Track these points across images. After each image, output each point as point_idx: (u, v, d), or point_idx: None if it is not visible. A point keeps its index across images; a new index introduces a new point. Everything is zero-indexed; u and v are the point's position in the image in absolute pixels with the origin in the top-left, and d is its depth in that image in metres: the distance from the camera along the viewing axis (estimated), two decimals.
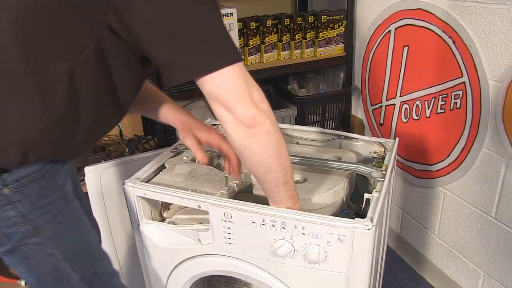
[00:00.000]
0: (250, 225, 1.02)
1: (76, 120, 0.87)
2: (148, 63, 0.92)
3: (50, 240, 0.92)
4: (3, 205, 0.86)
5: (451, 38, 1.59)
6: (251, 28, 2.04)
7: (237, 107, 0.83)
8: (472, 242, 1.72)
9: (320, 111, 2.23)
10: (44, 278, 0.96)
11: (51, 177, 0.91)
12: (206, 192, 1.12)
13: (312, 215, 0.98)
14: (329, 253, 0.98)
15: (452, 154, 1.71)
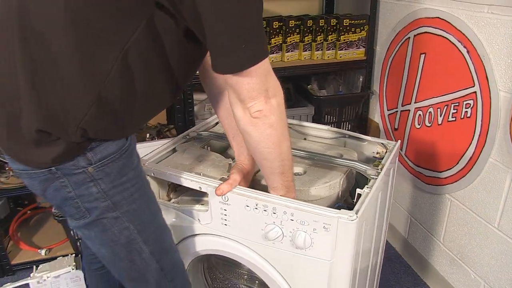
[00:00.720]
0: (244, 208, 1.09)
1: (132, 97, 0.91)
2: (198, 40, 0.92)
3: (126, 215, 1.01)
4: (87, 182, 0.94)
5: (466, 47, 1.61)
6: (274, 28, 2.10)
7: (249, 100, 0.89)
8: (475, 251, 1.74)
9: (337, 112, 2.27)
10: (118, 250, 1.04)
11: (128, 157, 0.99)
12: (209, 176, 1.19)
13: (301, 203, 1.04)
14: (314, 240, 1.04)
15: (460, 162, 1.73)
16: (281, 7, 2.37)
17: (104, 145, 0.94)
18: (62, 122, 0.87)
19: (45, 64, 0.84)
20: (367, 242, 1.20)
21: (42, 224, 2.37)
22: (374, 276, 1.53)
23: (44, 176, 0.93)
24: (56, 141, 0.89)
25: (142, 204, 1.03)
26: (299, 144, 1.46)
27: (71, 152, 0.91)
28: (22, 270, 2.11)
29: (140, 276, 1.09)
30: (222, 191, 1.11)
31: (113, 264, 1.09)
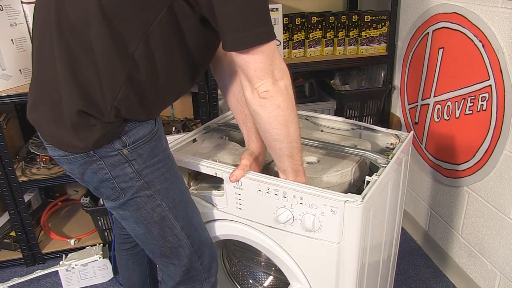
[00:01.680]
0: (257, 192, 1.16)
1: (156, 79, 1.00)
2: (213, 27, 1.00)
3: (159, 193, 1.10)
4: (122, 163, 1.04)
5: (481, 42, 1.64)
6: (297, 24, 2.17)
7: (257, 80, 0.96)
8: (491, 243, 1.77)
9: (359, 107, 2.32)
10: (152, 227, 1.13)
11: (158, 139, 1.09)
12: (225, 163, 1.27)
13: (309, 187, 1.11)
14: (323, 223, 1.10)
15: (477, 155, 1.76)
16: (304, 4, 2.43)
17: (136, 129, 1.04)
18: (99, 103, 0.97)
19: (81, 51, 0.95)
20: (377, 229, 1.25)
21: (72, 215, 2.49)
22: (389, 266, 1.58)
23: (82, 160, 1.03)
24: (94, 126, 0.99)
25: (173, 183, 1.12)
26: (315, 135, 1.52)
27: (107, 136, 1.01)
28: (53, 259, 2.23)
29: (172, 252, 1.19)
30: (236, 177, 1.19)
31: (147, 241, 1.18)
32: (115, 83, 0.96)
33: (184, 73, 1.07)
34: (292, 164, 1.12)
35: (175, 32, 0.98)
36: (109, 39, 0.93)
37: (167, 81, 1.03)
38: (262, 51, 0.93)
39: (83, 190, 2.51)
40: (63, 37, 0.95)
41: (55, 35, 0.96)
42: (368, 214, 1.12)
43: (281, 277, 1.62)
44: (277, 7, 2.05)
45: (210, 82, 2.06)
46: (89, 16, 0.92)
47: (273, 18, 2.03)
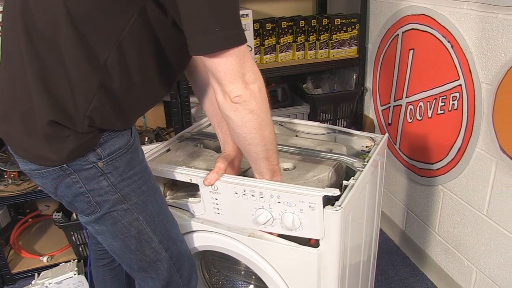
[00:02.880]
0: (233, 195, 1.15)
1: (130, 86, 0.98)
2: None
3: (136, 207, 1.07)
4: (98, 176, 1.01)
5: (450, 42, 1.67)
6: (267, 29, 2.17)
7: (227, 84, 0.93)
8: (467, 239, 1.79)
9: (332, 110, 2.33)
10: (129, 241, 1.10)
11: (134, 151, 1.06)
12: (200, 169, 1.25)
13: (286, 185, 1.11)
14: (303, 220, 1.10)
15: (450, 154, 1.78)
16: (274, 9, 2.43)
17: (111, 141, 1.01)
18: (71, 112, 0.94)
19: (51, 59, 0.92)
20: (357, 233, 1.25)
21: (43, 232, 2.40)
22: (369, 268, 1.58)
23: (56, 173, 1.00)
24: (67, 137, 0.96)
25: (150, 195, 1.10)
26: (290, 140, 1.52)
27: (82, 148, 0.98)
28: (24, 279, 2.14)
29: (150, 266, 1.16)
30: (210, 180, 1.16)
31: (124, 256, 1.15)
32: (87, 92, 0.93)
33: (160, 80, 1.04)
34: (268, 166, 1.11)
35: (149, 38, 0.96)
36: (79, 46, 0.90)
37: (143, 88, 1.01)
38: (232, 54, 0.90)
39: (55, 205, 2.45)
40: (32, 45, 0.92)
41: (24, 43, 0.93)
42: (347, 219, 1.12)
43: (261, 285, 1.60)
44: (247, 13, 2.04)
45: (182, 90, 2.04)
46: (57, 23, 0.89)
47: (243, 24, 2.01)
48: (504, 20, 1.44)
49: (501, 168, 1.54)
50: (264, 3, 2.47)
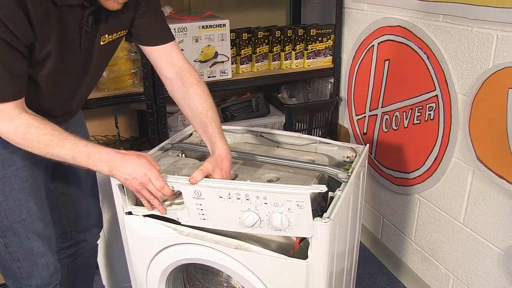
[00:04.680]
0: (218, 199, 1.13)
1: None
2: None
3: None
4: None
5: (426, 54, 1.70)
6: (244, 39, 2.17)
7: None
8: (444, 247, 1.82)
9: (307, 119, 2.34)
10: None
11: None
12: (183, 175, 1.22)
13: (271, 185, 1.10)
14: (291, 220, 1.09)
15: (426, 163, 1.81)
16: (250, 19, 2.43)
17: None
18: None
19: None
20: (341, 243, 1.25)
21: None
22: (350, 277, 1.58)
23: None
24: None
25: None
26: (272, 152, 1.51)
27: None
28: None
29: None
30: (195, 178, 1.14)
31: None
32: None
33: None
34: (89, 164, 1.12)
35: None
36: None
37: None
38: None
39: None
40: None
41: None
42: (334, 230, 1.12)
43: None
44: (224, 23, 2.03)
45: (158, 100, 2.01)
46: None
47: (220, 34, 2.03)
48: (479, 33, 1.48)
49: (477, 177, 1.58)
50: (240, 14, 2.47)
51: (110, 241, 1.93)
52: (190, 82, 1.31)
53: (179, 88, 1.32)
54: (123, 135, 2.48)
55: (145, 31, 1.30)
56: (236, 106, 2.36)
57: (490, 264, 1.60)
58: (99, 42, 1.21)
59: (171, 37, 1.33)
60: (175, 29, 1.94)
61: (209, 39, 2.03)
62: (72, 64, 1.18)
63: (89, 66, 1.25)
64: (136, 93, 1.99)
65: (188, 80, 1.31)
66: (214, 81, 2.11)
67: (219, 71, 2.10)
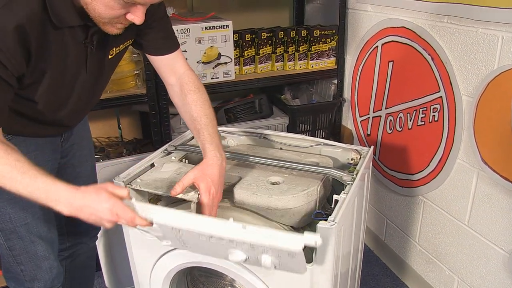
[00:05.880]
0: (199, 238, 1.00)
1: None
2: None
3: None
4: None
5: (430, 55, 1.69)
6: (247, 40, 2.16)
7: None
8: (448, 249, 1.81)
9: (311, 121, 2.33)
10: None
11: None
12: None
13: (257, 231, 0.94)
14: (282, 262, 0.99)
15: (431, 164, 1.80)
16: (253, 20, 2.43)
17: None
18: None
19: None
20: (346, 246, 1.24)
21: None
22: (355, 279, 1.58)
23: None
24: None
25: None
26: (275, 154, 1.51)
27: None
28: None
29: None
30: (175, 191, 1.15)
31: None
32: None
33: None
34: (39, 198, 1.02)
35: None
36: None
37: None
38: None
39: None
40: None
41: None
42: (339, 233, 1.11)
43: None
44: (227, 24, 2.03)
45: (161, 101, 2.00)
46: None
47: (223, 35, 2.03)
48: (484, 34, 1.47)
49: (482, 179, 1.57)
50: (243, 15, 2.47)
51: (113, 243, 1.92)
52: (189, 89, 1.31)
53: (179, 95, 1.33)
54: (125, 137, 2.47)
55: (150, 42, 1.30)
56: (239, 108, 2.35)
57: (494, 266, 1.59)
58: (108, 57, 1.22)
59: (176, 46, 1.33)
60: (178, 30, 1.93)
61: (212, 40, 2.03)
62: (75, 82, 1.18)
63: (99, 79, 1.26)
64: (138, 94, 1.98)
65: (187, 87, 1.31)
66: (217, 82, 2.10)
67: (222, 73, 2.10)
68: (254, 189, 1.27)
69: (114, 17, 1.04)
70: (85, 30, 1.10)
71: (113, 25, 1.07)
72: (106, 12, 1.01)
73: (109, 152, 2.23)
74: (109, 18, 1.03)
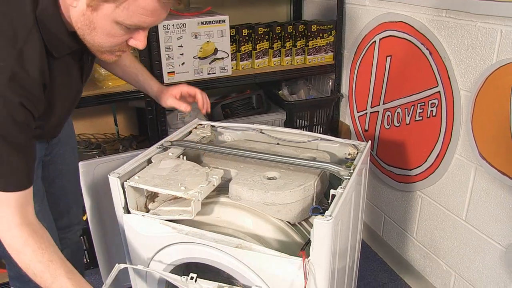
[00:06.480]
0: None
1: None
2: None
3: None
4: None
5: (428, 49, 1.68)
6: (243, 35, 2.15)
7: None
8: (445, 244, 1.81)
9: (308, 116, 2.32)
10: None
11: None
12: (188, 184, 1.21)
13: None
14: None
15: (428, 160, 1.80)
16: (250, 15, 2.42)
17: None
18: None
19: None
20: (343, 241, 1.24)
21: None
22: (352, 274, 1.57)
23: None
24: None
25: None
26: (272, 149, 1.50)
27: None
28: None
29: None
30: (187, 108, 1.48)
31: None
32: None
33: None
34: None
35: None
36: None
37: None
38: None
39: None
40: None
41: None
42: (336, 228, 1.10)
43: None
44: (223, 19, 2.01)
45: None
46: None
47: (220, 30, 2.01)
48: (482, 28, 1.46)
49: (480, 174, 1.56)
50: (240, 9, 2.45)
51: (110, 240, 1.91)
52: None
53: (115, 67, 1.48)
54: (122, 133, 2.46)
55: None
56: (236, 103, 2.34)
57: (491, 261, 1.59)
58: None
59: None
60: (174, 25, 1.92)
61: (208, 35, 2.01)
62: (69, 94, 1.20)
63: (83, 85, 1.28)
64: (135, 90, 1.97)
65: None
66: (213, 77, 2.09)
67: (218, 68, 2.08)
68: (251, 184, 1.26)
69: (116, 45, 1.02)
70: (80, 52, 1.13)
71: (112, 53, 1.06)
72: (107, 41, 1.00)
73: (105, 149, 2.22)
74: (110, 46, 1.02)
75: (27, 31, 0.96)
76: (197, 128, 1.60)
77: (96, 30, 0.97)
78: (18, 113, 0.96)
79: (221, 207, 1.30)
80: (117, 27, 0.96)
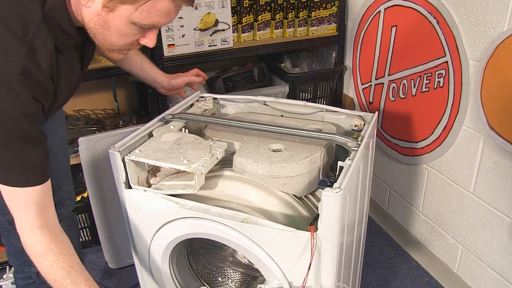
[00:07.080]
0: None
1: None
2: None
3: None
4: None
5: (435, 18, 1.63)
6: (245, 6, 2.09)
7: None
8: (452, 218, 1.78)
9: (311, 89, 2.28)
10: None
11: None
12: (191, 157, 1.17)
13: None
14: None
15: (435, 132, 1.76)
16: None
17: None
18: None
19: None
20: (351, 215, 1.21)
21: None
22: (359, 249, 1.55)
23: None
24: None
25: None
26: (276, 121, 1.46)
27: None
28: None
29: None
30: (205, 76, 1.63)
31: None
32: None
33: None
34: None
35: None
36: None
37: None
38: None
39: None
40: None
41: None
42: (345, 201, 1.07)
43: (250, 272, 1.55)
44: None
45: None
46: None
47: (220, 1, 1.96)
48: None
49: (489, 146, 1.53)
50: None
51: (112, 217, 1.89)
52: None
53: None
54: (122, 109, 2.42)
55: None
56: (238, 76, 2.29)
57: (500, 234, 1.57)
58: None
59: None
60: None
61: (209, 7, 1.95)
62: (70, 84, 1.19)
63: (83, 73, 1.29)
64: None
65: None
66: (215, 50, 2.04)
67: (220, 40, 2.03)
68: (255, 156, 1.23)
69: (127, 44, 1.04)
70: (82, 45, 1.15)
71: (121, 52, 1.08)
72: (120, 40, 1.02)
73: (105, 124, 2.18)
74: (122, 45, 1.05)
75: (36, 26, 0.97)
76: (198, 101, 1.56)
77: (110, 29, 0.99)
78: (30, 106, 0.98)
79: (225, 181, 1.27)
80: (132, 27, 0.99)
